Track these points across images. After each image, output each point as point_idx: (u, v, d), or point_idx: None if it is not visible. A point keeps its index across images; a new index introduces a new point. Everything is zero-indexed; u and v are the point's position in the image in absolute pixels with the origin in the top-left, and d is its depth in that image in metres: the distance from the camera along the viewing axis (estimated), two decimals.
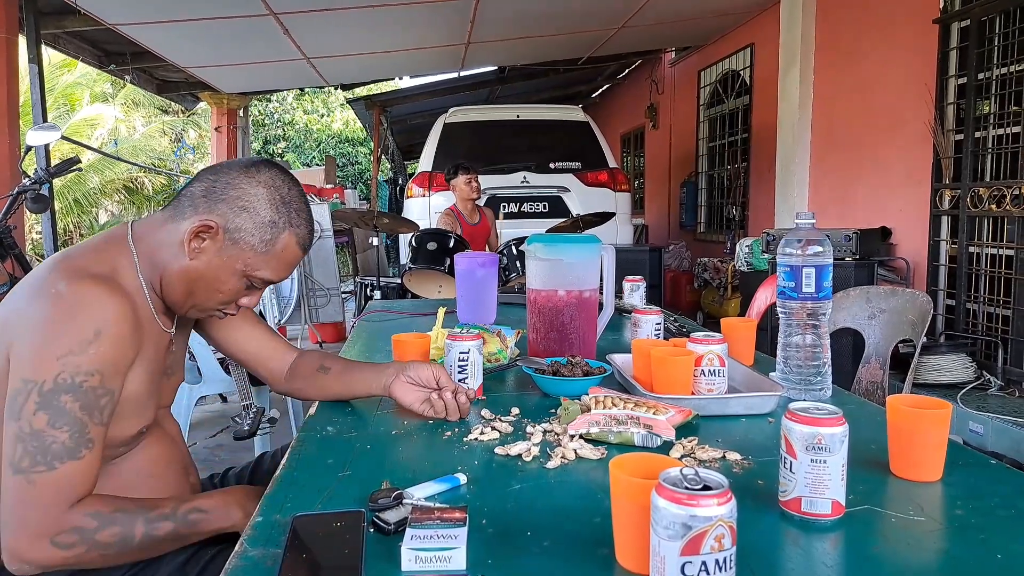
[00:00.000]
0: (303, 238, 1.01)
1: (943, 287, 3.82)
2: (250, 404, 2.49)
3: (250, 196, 0.97)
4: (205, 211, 0.96)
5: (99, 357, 0.86)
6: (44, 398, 0.83)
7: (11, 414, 0.84)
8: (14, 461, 0.83)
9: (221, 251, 0.97)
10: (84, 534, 0.85)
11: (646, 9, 5.12)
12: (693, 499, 0.54)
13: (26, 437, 0.83)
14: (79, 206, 11.00)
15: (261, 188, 0.97)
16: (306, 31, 5.04)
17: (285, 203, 0.99)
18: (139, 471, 1.02)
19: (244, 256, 0.97)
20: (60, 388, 0.84)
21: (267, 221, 0.97)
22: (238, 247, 0.97)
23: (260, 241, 0.97)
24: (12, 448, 0.83)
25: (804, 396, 1.17)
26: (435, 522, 0.67)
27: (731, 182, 6.47)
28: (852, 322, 1.84)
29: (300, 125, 18.33)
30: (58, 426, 0.84)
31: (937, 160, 3.74)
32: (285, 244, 0.99)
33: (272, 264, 0.99)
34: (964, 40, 3.63)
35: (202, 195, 0.97)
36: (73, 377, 0.85)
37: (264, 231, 0.97)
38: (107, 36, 5.51)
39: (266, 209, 0.97)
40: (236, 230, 0.96)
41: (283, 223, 0.98)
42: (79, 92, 11.54)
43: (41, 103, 4.36)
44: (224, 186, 0.97)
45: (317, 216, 4.47)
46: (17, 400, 0.84)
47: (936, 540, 0.73)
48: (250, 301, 1.03)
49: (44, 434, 0.83)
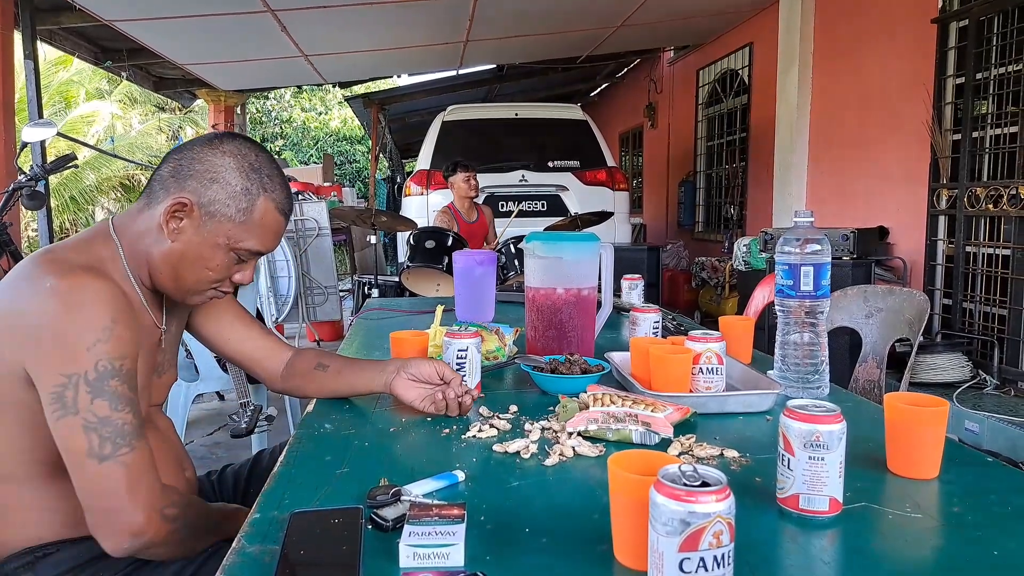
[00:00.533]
0: (280, 202, 0.99)
1: (940, 286, 3.83)
2: (248, 402, 2.49)
3: (218, 167, 0.95)
4: (176, 190, 0.95)
5: (123, 342, 0.87)
6: (94, 387, 0.84)
7: (63, 410, 0.84)
8: (95, 451, 0.84)
9: (200, 227, 0.96)
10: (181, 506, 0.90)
11: (645, 8, 5.12)
12: (691, 495, 0.54)
13: (96, 426, 0.84)
14: (75, 203, 10.98)
15: (228, 158, 0.96)
16: (304, 28, 5.03)
17: (255, 169, 0.97)
18: None
19: (224, 229, 0.96)
20: (104, 375, 0.85)
21: (240, 190, 0.96)
22: (216, 220, 0.95)
23: (237, 211, 0.96)
24: (83, 440, 0.84)
25: (802, 394, 1.17)
26: (433, 519, 0.67)
27: (729, 181, 6.47)
28: (849, 321, 1.84)
29: (298, 123, 18.31)
30: (120, 408, 0.86)
31: (935, 160, 3.75)
32: (263, 210, 0.97)
33: (255, 233, 0.98)
34: (963, 40, 3.64)
35: (171, 175, 0.96)
36: (111, 362, 0.86)
37: (238, 200, 0.96)
38: (104, 32, 5.49)
39: (236, 178, 0.96)
40: (210, 203, 0.95)
41: (256, 189, 0.97)
42: (75, 89, 11.51)
43: (37, 99, 4.35)
44: (190, 162, 0.96)
45: (315, 214, 4.47)
46: (65, 396, 0.84)
47: (933, 537, 0.73)
48: (243, 276, 1.02)
49: (112, 419, 0.85)
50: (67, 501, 0.95)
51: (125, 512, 0.84)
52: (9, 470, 0.94)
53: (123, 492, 0.84)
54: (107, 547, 0.85)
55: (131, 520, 0.84)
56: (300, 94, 17.82)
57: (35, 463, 0.94)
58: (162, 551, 0.89)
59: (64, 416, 0.84)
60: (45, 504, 0.95)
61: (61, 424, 0.84)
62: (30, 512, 0.95)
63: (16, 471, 0.94)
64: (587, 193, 5.20)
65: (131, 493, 0.85)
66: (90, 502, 0.85)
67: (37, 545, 0.94)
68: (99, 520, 0.85)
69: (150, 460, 0.88)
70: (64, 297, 0.85)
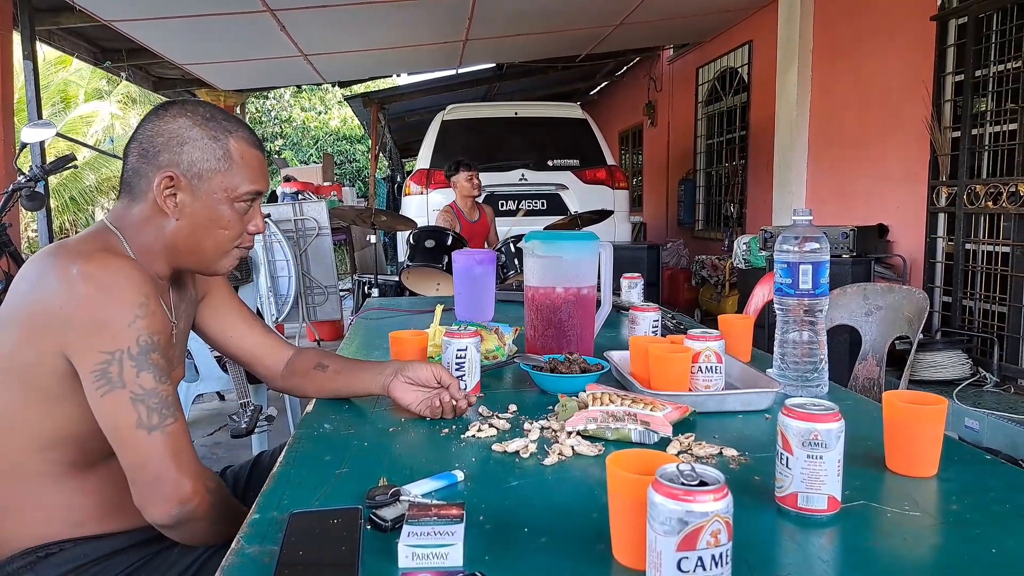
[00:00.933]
0: (249, 137, 1.01)
1: (940, 284, 3.83)
2: (248, 402, 2.49)
3: (177, 130, 0.96)
4: (154, 170, 0.96)
5: (156, 317, 0.90)
6: (138, 361, 0.87)
7: (109, 385, 0.86)
8: (143, 422, 0.86)
9: (195, 193, 0.97)
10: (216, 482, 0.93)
11: (644, 6, 5.11)
12: (690, 495, 0.55)
13: (143, 397, 0.87)
14: (75, 204, 10.99)
15: (181, 119, 0.97)
16: (303, 28, 5.02)
17: (209, 119, 0.98)
18: None
19: (216, 183, 0.97)
20: (146, 349, 0.87)
21: (208, 140, 0.97)
22: (205, 179, 0.97)
23: (217, 160, 0.97)
24: (132, 412, 0.86)
25: (801, 392, 1.17)
26: (432, 519, 0.67)
27: (729, 179, 6.47)
28: (849, 319, 1.84)
29: (297, 122, 18.30)
30: (163, 380, 0.89)
31: (934, 157, 3.75)
32: (239, 150, 0.99)
33: (244, 174, 0.99)
34: (962, 37, 3.63)
35: (140, 160, 0.97)
36: (150, 336, 0.88)
37: (212, 150, 0.97)
38: (103, 33, 5.49)
39: (199, 132, 0.97)
40: (191, 165, 0.96)
41: (222, 134, 0.98)
42: (74, 89, 11.51)
43: (36, 100, 4.35)
44: (151, 139, 0.97)
45: (315, 213, 4.47)
46: (110, 372, 0.86)
47: (931, 535, 0.73)
48: (256, 224, 1.03)
49: (158, 390, 0.88)
50: (72, 500, 0.96)
51: (172, 480, 0.87)
52: (21, 467, 0.94)
53: (170, 460, 0.87)
54: (155, 515, 0.87)
55: (179, 487, 0.87)
56: (300, 93, 17.81)
57: (54, 462, 0.94)
58: (201, 525, 0.91)
59: (111, 391, 0.86)
60: (50, 503, 0.95)
61: (107, 400, 0.86)
62: (35, 511, 0.95)
63: (28, 469, 0.94)
64: (587, 192, 5.20)
65: (177, 462, 0.87)
66: (137, 474, 0.87)
67: (40, 545, 0.94)
68: (147, 491, 0.87)
69: (186, 430, 0.91)
70: (95, 279, 0.87)
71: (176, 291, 1.08)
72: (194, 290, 1.14)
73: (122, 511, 0.99)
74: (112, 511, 0.99)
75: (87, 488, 0.97)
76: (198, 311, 1.16)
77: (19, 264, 3.04)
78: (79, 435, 0.94)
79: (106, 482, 0.98)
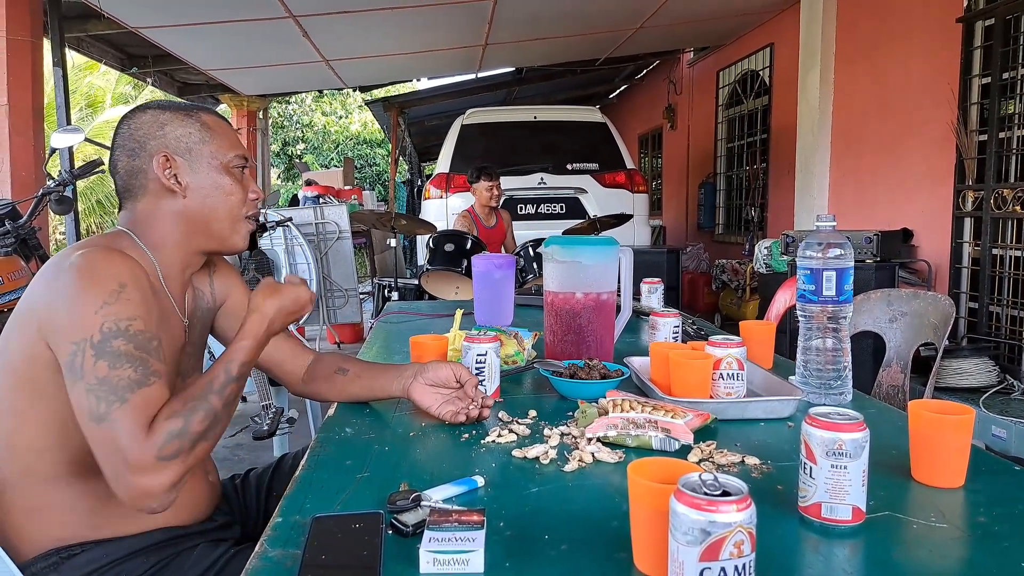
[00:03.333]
0: (214, 113, 1.07)
1: (966, 289, 3.76)
2: (269, 404, 2.52)
3: (152, 120, 1.01)
4: (147, 160, 1.00)
5: (132, 303, 0.88)
6: (98, 348, 0.84)
7: (75, 379, 0.84)
8: (94, 413, 0.82)
9: (192, 166, 1.01)
10: (180, 435, 0.83)
11: (664, 9, 5.10)
12: (712, 504, 0.54)
13: (95, 387, 0.83)
14: (101, 207, 11.19)
15: (148, 112, 1.02)
16: (325, 33, 5.08)
17: (174, 105, 1.05)
18: None
19: (205, 152, 1.02)
20: (109, 335, 0.85)
21: (183, 117, 1.02)
22: (195, 152, 1.01)
23: (198, 132, 1.02)
24: (86, 402, 0.83)
25: (824, 400, 1.16)
26: (453, 525, 0.68)
27: (750, 183, 6.41)
28: (873, 325, 1.82)
29: (319, 127, 18.48)
30: (119, 366, 0.84)
31: (960, 161, 3.68)
32: (211, 122, 1.04)
33: (225, 142, 1.04)
34: (988, 39, 3.57)
35: (131, 160, 1.00)
36: (117, 323, 0.85)
37: (189, 126, 1.02)
38: (129, 39, 5.60)
39: (170, 115, 1.02)
40: (177, 142, 1.01)
41: (191, 111, 1.03)
42: (100, 93, 11.73)
43: (65, 106, 4.43)
44: (131, 138, 1.01)
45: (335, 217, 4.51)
46: (75, 362, 0.84)
47: (958, 548, 0.72)
48: (255, 190, 1.08)
49: (109, 377, 0.83)
50: (90, 502, 0.97)
51: (124, 475, 0.81)
52: (39, 469, 0.95)
53: (116, 455, 0.81)
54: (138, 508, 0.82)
55: (129, 480, 0.81)
56: (321, 98, 17.99)
57: (63, 463, 0.95)
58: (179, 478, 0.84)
59: (75, 383, 0.84)
60: (65, 505, 0.96)
61: (72, 392, 0.84)
62: (51, 513, 0.96)
63: (45, 470, 0.95)
64: (606, 195, 5.19)
65: (122, 452, 0.81)
66: (104, 470, 0.83)
67: (62, 547, 0.96)
68: (115, 487, 0.82)
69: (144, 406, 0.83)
70: (78, 271, 0.88)
71: (192, 296, 1.10)
72: (212, 297, 1.15)
73: (140, 513, 1.00)
74: (129, 512, 0.98)
75: (99, 491, 0.96)
76: (217, 316, 1.18)
77: None
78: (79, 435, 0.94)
79: None
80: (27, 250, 2.86)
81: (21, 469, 0.95)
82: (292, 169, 16.66)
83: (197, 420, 0.85)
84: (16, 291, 2.58)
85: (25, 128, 4.13)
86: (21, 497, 0.96)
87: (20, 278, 2.61)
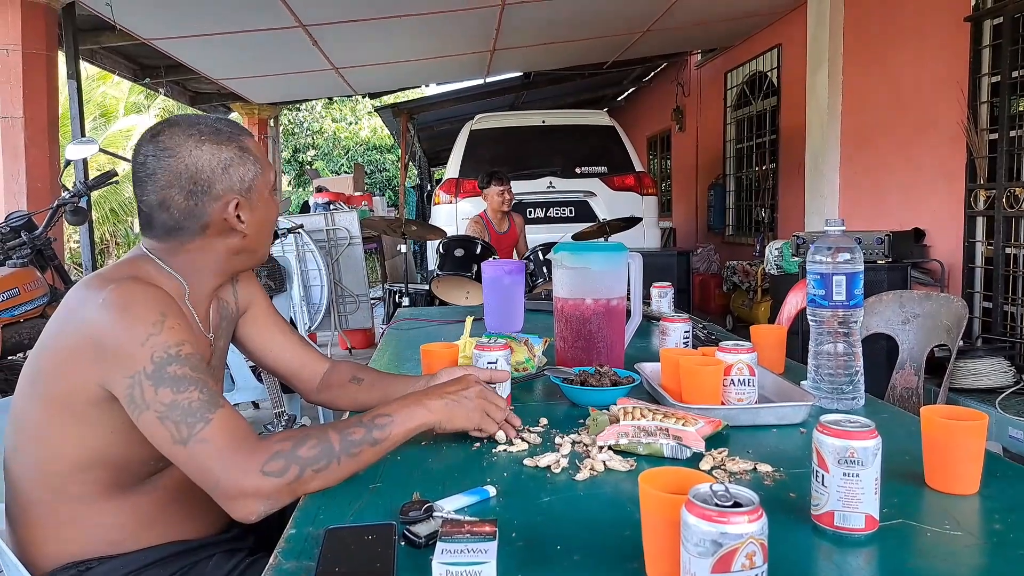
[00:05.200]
0: (247, 131, 1.06)
1: (979, 289, 3.72)
2: (282, 412, 2.53)
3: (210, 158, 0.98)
4: (212, 202, 0.98)
5: (176, 331, 0.90)
6: (154, 378, 0.86)
7: (140, 410, 0.87)
8: (177, 438, 0.85)
9: (253, 205, 1.02)
10: (287, 456, 0.85)
11: (672, 12, 5.09)
12: (723, 516, 0.54)
13: (166, 413, 0.85)
14: (115, 215, 11.30)
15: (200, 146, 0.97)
16: (334, 42, 5.12)
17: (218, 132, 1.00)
18: (177, 487, 1.03)
19: (260, 186, 1.03)
20: (162, 364, 0.87)
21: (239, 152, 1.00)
22: (255, 188, 1.02)
23: (254, 166, 1.02)
24: (163, 431, 0.85)
25: (836, 405, 1.16)
26: (465, 536, 0.68)
27: (759, 184, 6.39)
28: (885, 327, 1.81)
29: (329, 133, 18.59)
30: (183, 390, 0.86)
31: (971, 160, 3.65)
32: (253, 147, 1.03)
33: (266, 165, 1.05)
34: (997, 38, 3.55)
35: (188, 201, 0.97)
36: (166, 351, 0.87)
37: (246, 160, 1.01)
38: (142, 51, 5.66)
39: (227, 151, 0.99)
40: (242, 182, 1.00)
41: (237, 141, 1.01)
42: (113, 103, 11.85)
43: (80, 117, 4.49)
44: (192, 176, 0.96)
45: (346, 223, 4.54)
46: (134, 396, 0.86)
47: (973, 555, 0.72)
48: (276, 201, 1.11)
49: (178, 402, 0.85)
50: (109, 520, 0.98)
51: (224, 485, 0.84)
52: (69, 490, 0.96)
53: (214, 468, 0.84)
54: (239, 517, 0.85)
55: (234, 490, 0.83)
56: (331, 105, 18.10)
57: (94, 483, 0.97)
58: (288, 499, 0.85)
59: (140, 414, 0.87)
60: (88, 523, 0.97)
61: (142, 423, 0.87)
62: (73, 530, 0.97)
63: (76, 491, 0.96)
64: (615, 198, 5.19)
65: (222, 466, 0.84)
66: (201, 484, 0.86)
67: (80, 560, 0.97)
68: (217, 497, 0.85)
69: (233, 425, 0.86)
70: (115, 305, 0.89)
71: (218, 308, 1.10)
72: (235, 306, 1.16)
73: (158, 527, 1.01)
74: (149, 527, 1.00)
75: (124, 508, 0.99)
76: (239, 325, 1.19)
77: (64, 277, 3.13)
78: (114, 459, 0.96)
79: (142, 502, 1.00)
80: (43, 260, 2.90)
81: (51, 491, 0.97)
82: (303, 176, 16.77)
83: (307, 447, 0.86)
84: (32, 301, 2.61)
85: (40, 140, 4.19)
86: (47, 515, 0.98)
87: (36, 288, 2.64)
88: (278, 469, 0.84)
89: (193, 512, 1.05)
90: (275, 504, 0.85)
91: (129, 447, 0.95)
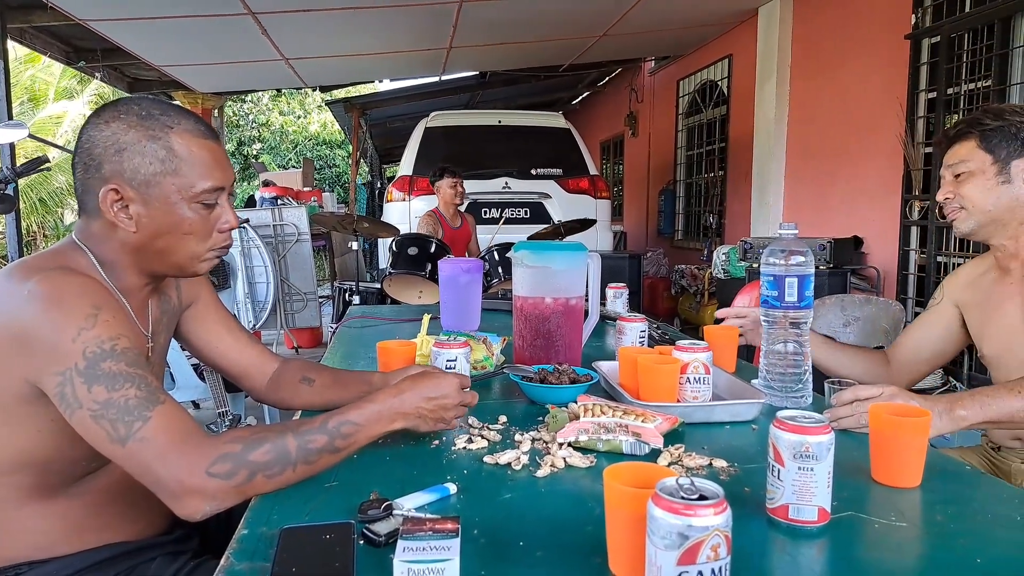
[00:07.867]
0: (193, 128, 0.94)
1: (912, 295, 3.91)
2: (226, 411, 2.45)
3: (112, 137, 0.90)
4: (99, 183, 0.91)
5: (110, 325, 0.84)
6: (86, 375, 0.81)
7: (71, 409, 0.82)
8: (114, 436, 0.80)
9: (147, 201, 0.91)
10: (236, 459, 0.81)
11: (627, 19, 5.17)
12: (690, 509, 0.55)
13: (101, 412, 0.80)
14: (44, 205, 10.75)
15: (114, 123, 0.91)
16: (285, 32, 4.99)
17: (145, 116, 0.91)
18: (114, 488, 0.99)
19: (167, 186, 0.91)
20: (94, 359, 0.82)
21: (146, 142, 0.90)
22: (153, 184, 0.91)
23: (160, 161, 0.91)
24: (98, 430, 0.80)
25: (786, 403, 1.19)
26: (427, 534, 0.66)
27: (708, 190, 6.55)
28: (828, 329, 1.87)
29: (276, 126, 18.14)
30: (118, 387, 0.81)
31: (907, 172, 3.83)
32: (184, 145, 0.92)
33: (195, 170, 0.92)
34: (934, 56, 3.73)
35: (83, 175, 0.92)
36: (100, 346, 0.82)
37: (154, 151, 0.90)
38: (76, 32, 5.39)
39: (134, 134, 0.90)
40: (134, 173, 0.90)
41: (160, 131, 0.91)
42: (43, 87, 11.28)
43: (7, 100, 4.25)
44: (88, 151, 0.91)
45: (294, 219, 4.43)
46: (66, 394, 0.81)
47: (918, 546, 0.75)
48: (228, 220, 0.97)
49: (113, 400, 0.81)
50: (37, 525, 0.93)
51: (167, 484, 0.80)
52: None
53: (156, 467, 0.80)
54: (184, 514, 0.80)
55: (177, 489, 0.79)
56: (278, 97, 17.67)
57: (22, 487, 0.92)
58: (236, 500, 0.82)
59: (73, 413, 0.82)
60: (14, 527, 0.93)
61: (75, 422, 0.82)
62: (9, 533, 0.93)
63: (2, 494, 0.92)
64: (570, 201, 5.23)
65: (163, 464, 0.80)
66: (143, 482, 0.81)
67: (10, 565, 0.92)
68: (160, 495, 0.81)
69: (175, 421, 0.82)
70: (43, 297, 0.83)
71: (157, 302, 1.05)
72: (178, 300, 1.11)
73: (93, 531, 0.97)
74: (81, 532, 0.96)
75: (53, 512, 0.94)
76: (182, 319, 1.14)
77: None
78: (40, 460, 0.91)
79: (73, 505, 0.95)
80: None
81: None
82: (248, 169, 16.32)
83: (261, 452, 0.82)
84: None
85: None
86: None
87: None
88: (225, 471, 0.80)
89: (133, 514, 1.01)
90: (222, 504, 0.81)
91: (58, 448, 0.90)
